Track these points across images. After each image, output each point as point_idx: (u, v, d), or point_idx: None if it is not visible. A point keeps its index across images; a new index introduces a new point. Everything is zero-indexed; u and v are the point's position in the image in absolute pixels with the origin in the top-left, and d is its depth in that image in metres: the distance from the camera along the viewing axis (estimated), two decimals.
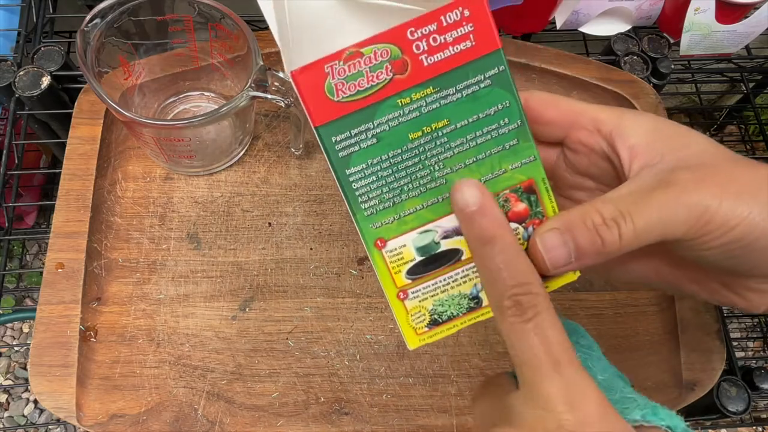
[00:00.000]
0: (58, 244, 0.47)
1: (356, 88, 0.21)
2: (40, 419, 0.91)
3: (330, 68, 0.21)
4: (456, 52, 0.22)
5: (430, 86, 0.22)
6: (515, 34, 0.62)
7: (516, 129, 0.23)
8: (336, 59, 0.21)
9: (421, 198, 0.23)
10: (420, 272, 0.23)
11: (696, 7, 0.56)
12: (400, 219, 0.23)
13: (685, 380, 0.47)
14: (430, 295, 0.24)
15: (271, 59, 0.55)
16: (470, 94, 0.22)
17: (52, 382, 0.44)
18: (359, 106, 0.21)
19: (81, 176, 0.50)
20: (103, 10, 0.43)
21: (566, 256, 0.23)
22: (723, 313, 0.51)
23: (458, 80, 0.22)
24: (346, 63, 0.21)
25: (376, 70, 0.21)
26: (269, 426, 0.45)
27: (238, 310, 0.48)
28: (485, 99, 0.22)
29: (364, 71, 0.21)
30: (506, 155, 0.23)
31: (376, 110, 0.21)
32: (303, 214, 0.51)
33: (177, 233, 0.50)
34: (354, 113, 0.21)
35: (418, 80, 0.21)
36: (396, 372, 0.47)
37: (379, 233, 0.23)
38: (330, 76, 0.21)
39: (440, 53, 0.21)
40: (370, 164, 0.22)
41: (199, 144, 0.50)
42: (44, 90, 0.53)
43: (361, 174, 0.22)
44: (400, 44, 0.21)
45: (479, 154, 0.23)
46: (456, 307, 0.24)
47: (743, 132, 0.89)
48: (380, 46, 0.21)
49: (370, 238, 0.23)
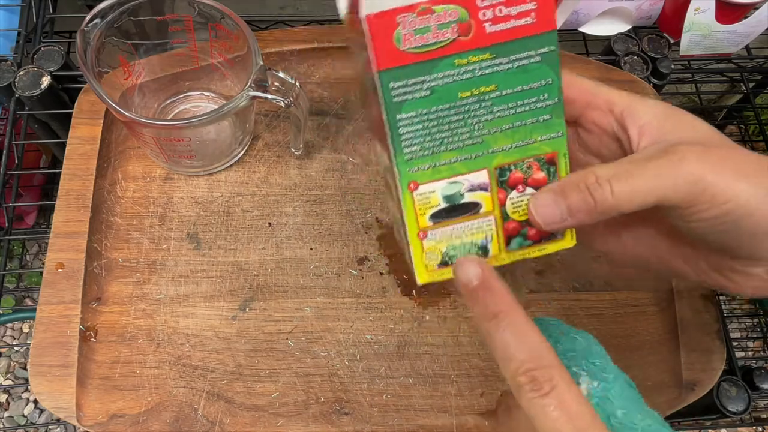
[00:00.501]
0: (58, 244, 0.48)
1: (422, 42, 0.22)
2: (40, 419, 0.91)
3: (402, 18, 0.22)
4: (516, 26, 0.23)
5: (487, 52, 0.23)
6: None
7: (552, 105, 0.25)
8: (409, 12, 0.22)
9: (457, 152, 0.25)
10: (442, 217, 0.25)
11: (696, 7, 0.56)
12: (434, 167, 0.25)
13: (685, 380, 0.47)
14: (446, 238, 0.26)
15: (271, 59, 0.55)
16: (521, 66, 0.24)
17: (52, 382, 0.44)
18: (421, 59, 0.23)
19: (81, 176, 0.50)
20: (103, 10, 0.43)
21: (557, 213, 0.24)
22: (723, 313, 0.51)
23: (513, 52, 0.24)
24: (419, 16, 0.22)
25: (443, 29, 0.22)
26: (269, 426, 0.45)
27: (238, 310, 0.48)
28: (533, 73, 0.24)
29: (432, 27, 0.22)
30: (538, 127, 0.25)
31: (435, 65, 0.23)
32: (303, 214, 0.51)
33: (177, 233, 0.50)
34: (415, 64, 0.23)
35: (478, 45, 0.23)
36: (396, 372, 0.47)
37: (414, 177, 0.25)
38: (401, 26, 0.22)
39: (503, 24, 0.23)
40: (419, 114, 0.24)
41: (199, 144, 0.50)
42: (44, 90, 0.53)
43: (409, 121, 0.24)
44: (470, 9, 0.22)
45: (516, 122, 0.25)
46: (465, 253, 0.26)
47: (743, 132, 0.89)
48: (451, 7, 0.22)
49: (405, 180, 0.25)
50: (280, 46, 0.55)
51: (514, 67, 0.24)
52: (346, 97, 0.56)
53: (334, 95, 0.56)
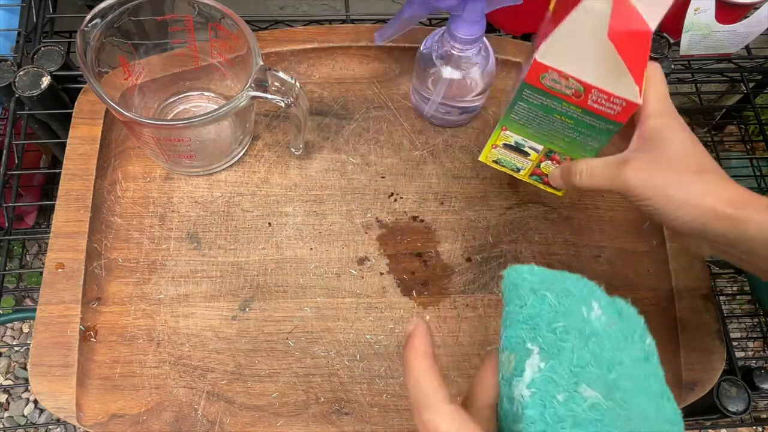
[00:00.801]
0: (58, 244, 0.48)
1: (552, 85, 0.38)
2: (40, 419, 0.91)
3: (550, 72, 0.37)
4: (604, 109, 0.37)
5: (581, 109, 0.38)
6: (515, 34, 0.62)
7: (597, 147, 0.41)
8: (557, 73, 0.37)
9: (534, 131, 0.42)
10: (508, 148, 0.45)
11: (696, 7, 0.56)
12: (520, 128, 0.42)
13: (685, 380, 0.47)
14: (504, 154, 0.45)
15: (271, 59, 0.55)
16: (592, 124, 0.39)
17: (52, 382, 0.44)
18: (546, 90, 0.38)
19: (81, 176, 0.50)
20: (103, 10, 0.43)
21: (558, 180, 0.43)
22: (723, 313, 0.51)
23: (594, 117, 0.38)
24: (560, 77, 0.37)
25: (567, 88, 0.37)
26: (269, 426, 0.45)
27: (238, 310, 0.48)
28: (597, 130, 0.39)
29: (562, 84, 0.37)
30: (584, 148, 0.41)
31: (551, 96, 0.38)
32: (303, 214, 0.51)
33: (177, 233, 0.50)
34: (541, 90, 0.38)
35: (579, 105, 0.38)
36: (396, 372, 0.47)
37: (508, 125, 0.43)
38: (548, 73, 0.37)
39: (598, 105, 0.37)
40: (529, 107, 0.40)
41: (199, 144, 0.50)
42: (44, 90, 0.53)
43: (523, 106, 0.40)
44: (586, 89, 0.37)
45: (572, 141, 0.41)
46: (509, 165, 0.46)
47: (743, 132, 0.89)
48: (578, 84, 0.37)
49: (503, 122, 0.43)
50: (280, 46, 0.55)
51: (588, 123, 0.39)
52: (346, 97, 0.56)
53: (334, 95, 0.56)
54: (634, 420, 0.23)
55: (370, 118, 0.55)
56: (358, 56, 0.57)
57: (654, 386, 0.25)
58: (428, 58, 0.49)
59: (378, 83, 0.57)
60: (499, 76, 0.57)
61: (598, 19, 0.34)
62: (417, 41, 0.51)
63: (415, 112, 0.56)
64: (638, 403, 0.24)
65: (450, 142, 0.55)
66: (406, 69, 0.57)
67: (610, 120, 0.37)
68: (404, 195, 0.53)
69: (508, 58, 0.57)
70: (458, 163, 0.54)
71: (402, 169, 0.54)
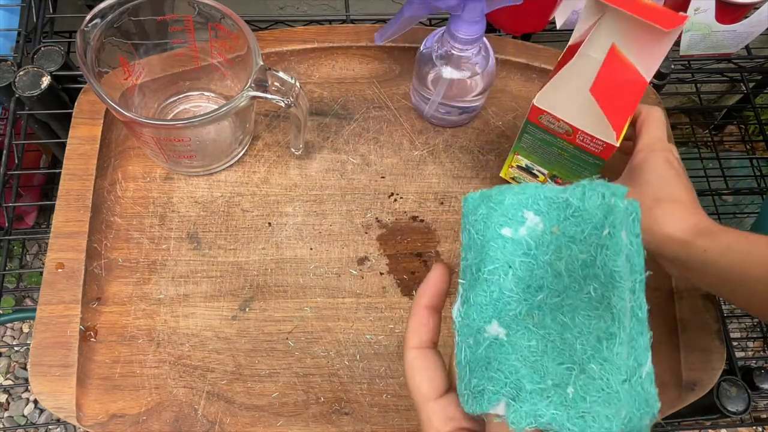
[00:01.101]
0: (58, 244, 0.48)
1: (548, 125, 0.44)
2: (40, 419, 0.91)
3: (546, 114, 0.43)
4: (590, 146, 0.43)
5: (572, 145, 0.44)
6: (515, 34, 0.62)
7: (590, 173, 0.46)
8: (551, 116, 0.43)
9: (538, 158, 0.48)
10: (521, 170, 0.51)
11: (696, 7, 0.56)
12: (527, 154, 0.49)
13: (685, 380, 0.47)
14: (519, 173, 0.51)
15: (271, 59, 0.55)
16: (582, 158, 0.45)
17: (52, 382, 0.44)
18: (544, 128, 0.44)
19: (81, 176, 0.50)
20: (103, 10, 0.43)
21: None
22: (723, 313, 0.51)
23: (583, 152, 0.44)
24: (553, 119, 0.43)
25: (560, 128, 0.43)
26: (269, 426, 0.45)
27: (238, 310, 0.48)
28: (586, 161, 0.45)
29: (556, 125, 0.43)
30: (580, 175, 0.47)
31: (548, 134, 0.45)
32: (303, 214, 0.51)
33: (177, 233, 0.50)
34: (540, 127, 0.44)
35: (570, 141, 0.44)
36: (396, 372, 0.47)
37: (519, 151, 0.49)
38: (545, 115, 0.43)
39: (585, 143, 0.43)
40: (532, 139, 0.46)
41: (199, 144, 0.50)
42: (44, 90, 0.53)
43: (527, 139, 0.47)
44: (574, 131, 0.42)
45: (568, 169, 0.47)
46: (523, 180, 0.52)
47: (743, 132, 0.89)
48: (567, 126, 0.42)
49: (514, 149, 0.49)
50: (280, 46, 0.55)
51: (579, 156, 0.45)
52: (346, 97, 0.56)
53: (334, 95, 0.56)
54: (567, 338, 0.22)
55: (370, 118, 0.55)
56: (358, 56, 0.57)
57: (597, 291, 0.22)
58: (428, 58, 0.49)
59: (378, 83, 0.57)
60: (499, 76, 0.57)
61: (594, 66, 0.39)
62: (417, 41, 0.51)
63: (415, 112, 0.56)
64: (576, 315, 0.22)
65: (450, 142, 0.55)
66: (406, 69, 0.57)
67: (596, 156, 0.43)
68: (404, 195, 0.53)
69: (508, 58, 0.57)
70: (458, 163, 0.54)
71: (402, 169, 0.54)
